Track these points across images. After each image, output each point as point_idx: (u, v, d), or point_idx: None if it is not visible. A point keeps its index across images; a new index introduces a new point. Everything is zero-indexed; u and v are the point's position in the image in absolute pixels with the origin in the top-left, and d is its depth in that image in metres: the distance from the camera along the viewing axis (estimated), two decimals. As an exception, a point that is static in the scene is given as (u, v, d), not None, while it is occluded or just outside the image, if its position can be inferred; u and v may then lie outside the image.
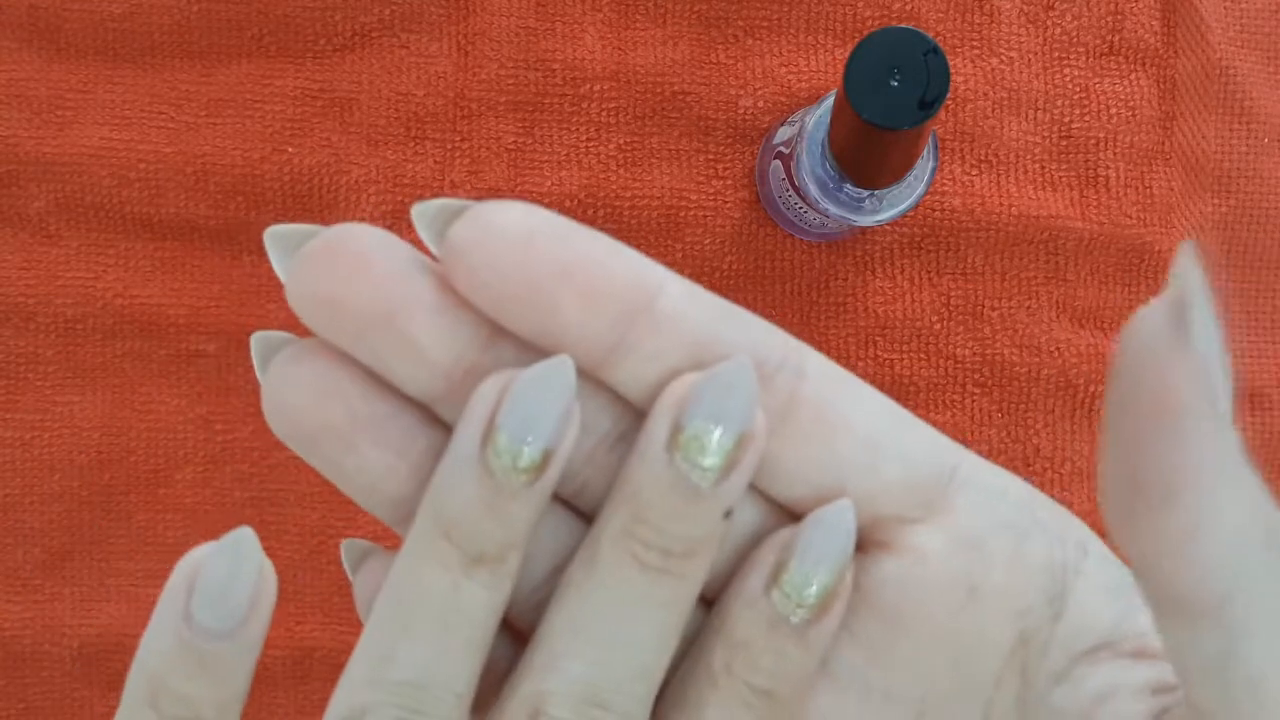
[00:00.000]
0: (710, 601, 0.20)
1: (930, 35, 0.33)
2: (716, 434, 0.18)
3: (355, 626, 0.42)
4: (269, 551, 0.18)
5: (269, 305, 0.42)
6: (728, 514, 0.18)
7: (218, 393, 0.42)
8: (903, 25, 0.33)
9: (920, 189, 0.37)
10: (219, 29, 0.42)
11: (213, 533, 0.18)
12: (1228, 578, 0.15)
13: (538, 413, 0.18)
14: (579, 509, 0.20)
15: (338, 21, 0.42)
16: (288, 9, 0.42)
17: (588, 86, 0.42)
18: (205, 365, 0.42)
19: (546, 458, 0.18)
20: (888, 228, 0.43)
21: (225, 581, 0.18)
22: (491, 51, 0.42)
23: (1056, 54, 0.43)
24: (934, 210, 0.43)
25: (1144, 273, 0.43)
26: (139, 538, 0.42)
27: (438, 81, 0.42)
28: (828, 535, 0.19)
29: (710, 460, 0.18)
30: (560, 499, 0.20)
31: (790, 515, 0.19)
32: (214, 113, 0.42)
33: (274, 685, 0.42)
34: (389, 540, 0.42)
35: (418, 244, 0.19)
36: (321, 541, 0.42)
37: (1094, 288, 0.43)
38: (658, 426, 0.18)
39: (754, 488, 0.19)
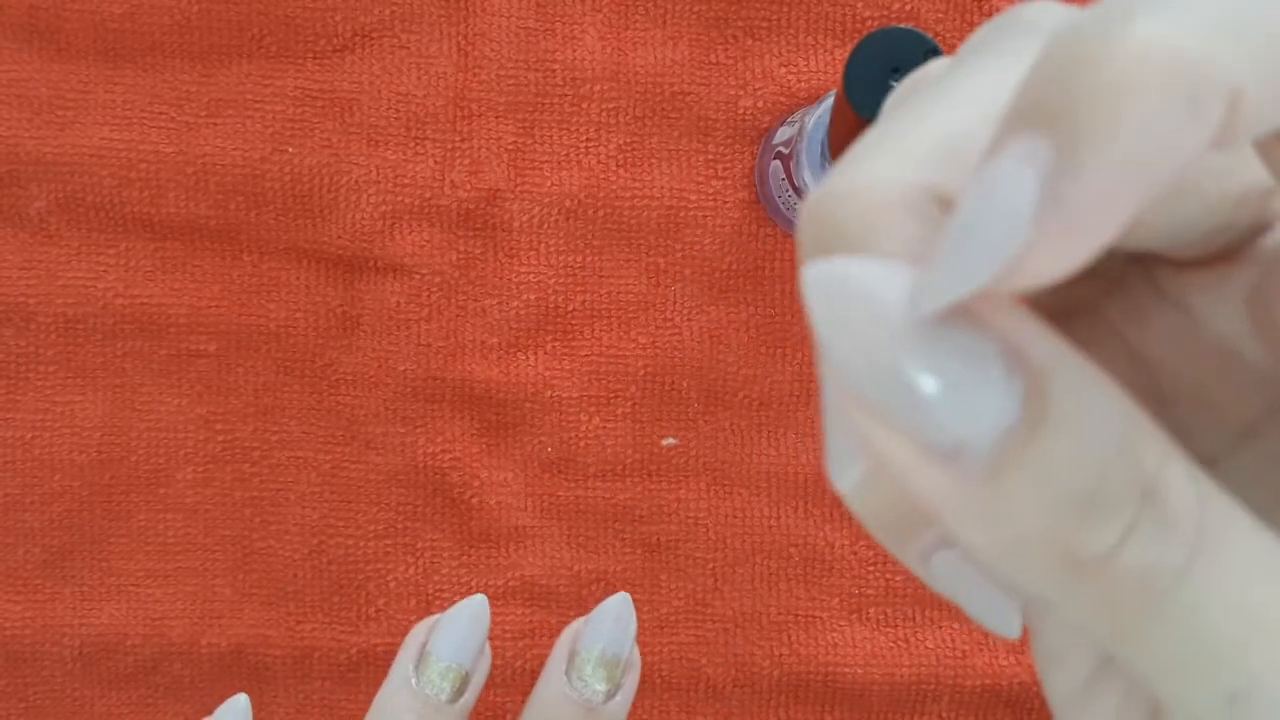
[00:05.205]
0: None
1: (930, 35, 0.33)
2: (603, 660, 0.25)
3: (354, 625, 0.42)
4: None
5: (269, 305, 0.42)
6: None
7: (218, 392, 0.42)
8: (902, 25, 0.33)
9: (920, 189, 0.37)
10: (219, 29, 0.42)
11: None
12: None
13: (460, 644, 0.26)
14: None
15: (338, 22, 0.42)
16: (288, 9, 0.42)
17: (587, 87, 0.42)
18: (206, 365, 0.42)
19: (465, 680, 0.25)
20: (887, 228, 0.43)
21: None
22: (491, 52, 0.42)
23: (1056, 54, 0.43)
24: (933, 210, 0.43)
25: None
26: (139, 537, 0.42)
27: (438, 82, 0.42)
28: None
29: (600, 683, 0.25)
30: None
31: None
32: (214, 113, 0.42)
33: (274, 685, 0.42)
34: (386, 538, 0.42)
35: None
36: (321, 541, 0.42)
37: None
38: (559, 655, 0.26)
39: None
